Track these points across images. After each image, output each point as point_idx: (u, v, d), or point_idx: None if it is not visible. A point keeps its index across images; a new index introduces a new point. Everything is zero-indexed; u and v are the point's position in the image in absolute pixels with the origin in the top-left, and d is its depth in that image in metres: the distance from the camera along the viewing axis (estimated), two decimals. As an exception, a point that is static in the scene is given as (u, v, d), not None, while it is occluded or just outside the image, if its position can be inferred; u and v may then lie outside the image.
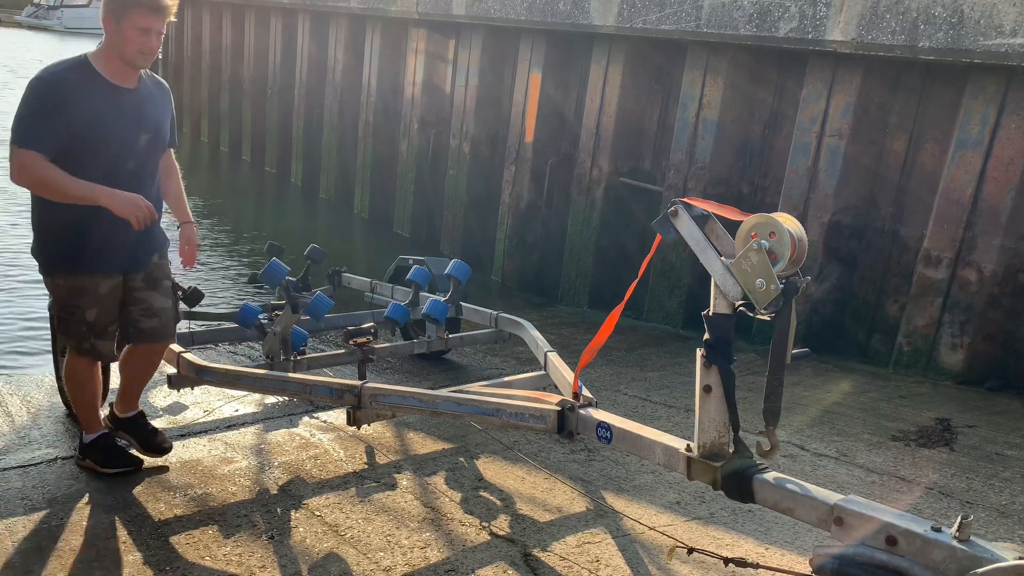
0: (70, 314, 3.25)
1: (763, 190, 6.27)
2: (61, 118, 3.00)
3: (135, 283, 3.34)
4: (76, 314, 3.24)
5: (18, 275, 8.09)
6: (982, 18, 4.67)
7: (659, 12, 6.27)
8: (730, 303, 2.32)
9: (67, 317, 3.26)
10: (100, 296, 3.23)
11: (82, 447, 3.48)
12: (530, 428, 2.99)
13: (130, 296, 3.34)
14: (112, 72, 3.11)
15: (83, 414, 3.48)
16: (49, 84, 3.03)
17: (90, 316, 3.23)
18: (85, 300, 3.22)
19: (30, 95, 3.03)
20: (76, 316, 3.24)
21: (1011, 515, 3.30)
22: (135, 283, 3.34)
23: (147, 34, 3.08)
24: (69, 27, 43.91)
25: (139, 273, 3.34)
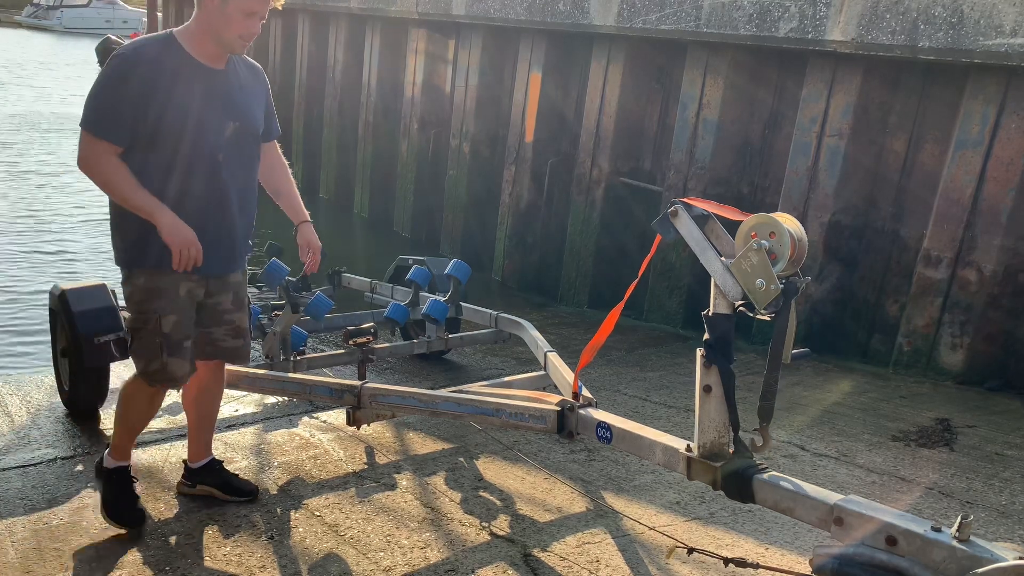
0: (144, 322, 2.87)
1: (763, 190, 6.27)
2: (140, 102, 2.69)
3: (224, 304, 3.04)
4: (151, 322, 2.86)
5: (18, 275, 8.09)
6: (982, 18, 4.66)
7: (659, 12, 6.27)
8: (730, 303, 2.32)
9: (140, 327, 2.88)
10: (179, 300, 2.89)
11: (100, 467, 3.16)
12: (530, 428, 2.99)
13: (218, 317, 3.03)
14: (202, 52, 2.80)
15: (119, 435, 3.11)
16: (130, 62, 2.71)
17: (167, 325, 2.87)
18: (163, 303, 2.86)
19: (107, 74, 2.72)
20: (151, 325, 2.86)
21: (1011, 515, 3.30)
22: (224, 304, 3.04)
23: (252, 18, 2.83)
24: (69, 27, 43.94)
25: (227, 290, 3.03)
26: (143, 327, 2.88)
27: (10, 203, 10.74)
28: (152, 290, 2.86)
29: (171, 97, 2.72)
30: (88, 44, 34.32)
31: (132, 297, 2.90)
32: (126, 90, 2.69)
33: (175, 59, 2.76)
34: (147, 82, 2.69)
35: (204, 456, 3.30)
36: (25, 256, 8.71)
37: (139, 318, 2.88)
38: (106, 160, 2.75)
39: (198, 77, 2.79)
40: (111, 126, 2.71)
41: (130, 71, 2.70)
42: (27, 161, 13.38)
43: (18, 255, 8.70)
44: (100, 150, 2.74)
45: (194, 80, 2.78)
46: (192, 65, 2.78)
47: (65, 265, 8.54)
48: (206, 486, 3.26)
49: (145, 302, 2.87)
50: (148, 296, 2.87)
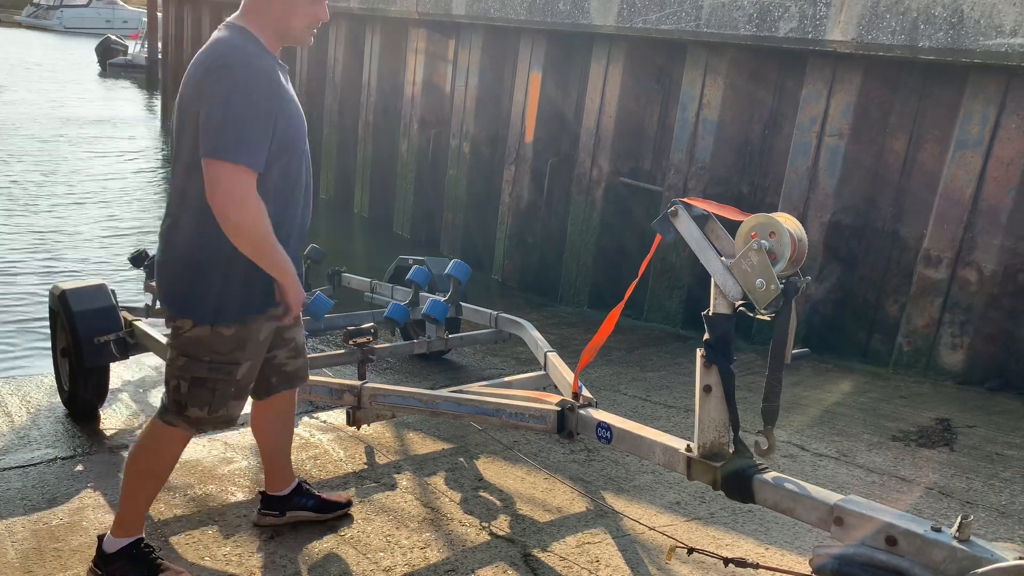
0: (225, 373, 2.53)
1: (763, 190, 6.27)
2: (267, 116, 2.34)
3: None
4: (232, 375, 2.54)
5: (18, 275, 8.09)
6: (982, 18, 4.67)
7: (659, 12, 6.27)
8: (730, 303, 2.32)
9: (216, 378, 2.53)
10: (259, 345, 2.60)
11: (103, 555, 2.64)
12: (530, 428, 2.99)
13: (278, 339, 2.74)
14: (271, 49, 2.49)
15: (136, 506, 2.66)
16: (254, 72, 2.33)
17: (241, 372, 2.57)
18: (245, 352, 2.55)
19: (232, 88, 2.30)
20: (231, 377, 2.55)
21: (1011, 515, 3.30)
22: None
23: (319, 4, 2.50)
24: (69, 27, 43.99)
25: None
26: (221, 378, 2.54)
27: (10, 203, 10.75)
28: (239, 341, 2.53)
29: (285, 106, 2.43)
30: (88, 44, 34.34)
31: (211, 347, 2.50)
32: (256, 106, 2.32)
33: (272, 61, 2.45)
34: (267, 92, 2.36)
35: (290, 482, 3.07)
36: (25, 256, 8.71)
37: (218, 368, 2.52)
38: (254, 196, 2.33)
39: (285, 78, 2.50)
40: (251, 149, 2.31)
41: (255, 83, 2.33)
42: (27, 161, 13.39)
43: (18, 255, 8.71)
44: (247, 181, 2.31)
45: (286, 83, 2.49)
46: (278, 66, 2.48)
47: (65, 265, 8.54)
48: (298, 511, 3.05)
49: (229, 353, 2.52)
50: (234, 347, 2.53)
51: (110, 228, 10.14)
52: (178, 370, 2.55)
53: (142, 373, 4.76)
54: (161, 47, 19.93)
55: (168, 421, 2.60)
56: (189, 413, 2.57)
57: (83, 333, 3.84)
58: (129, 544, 2.64)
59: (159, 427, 2.62)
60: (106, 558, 2.63)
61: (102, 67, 30.05)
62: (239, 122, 2.29)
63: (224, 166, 2.29)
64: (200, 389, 2.54)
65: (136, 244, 8.76)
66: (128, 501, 2.65)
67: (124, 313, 4.13)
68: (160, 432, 2.62)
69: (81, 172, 12.95)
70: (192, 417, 2.57)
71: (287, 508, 3.05)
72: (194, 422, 2.59)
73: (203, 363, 2.51)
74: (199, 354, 2.51)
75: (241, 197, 2.31)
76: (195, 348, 2.52)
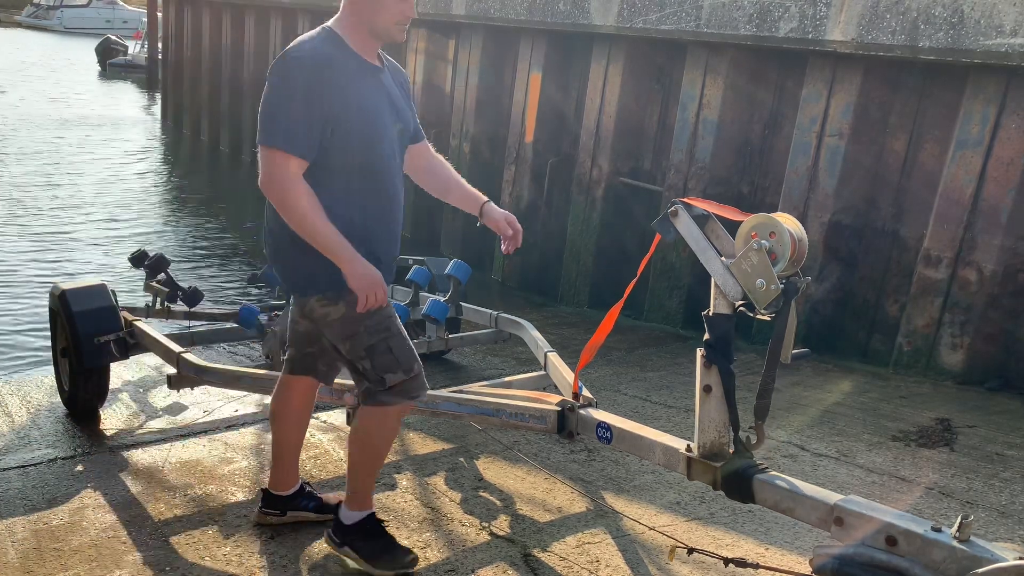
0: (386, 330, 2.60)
1: (763, 190, 6.27)
2: (324, 108, 2.44)
3: None
4: (393, 327, 2.61)
5: (18, 275, 8.09)
6: (982, 18, 4.66)
7: (659, 12, 6.27)
8: (730, 303, 2.32)
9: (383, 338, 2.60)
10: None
11: (341, 526, 2.79)
12: (530, 428, 2.99)
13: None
14: (361, 48, 2.56)
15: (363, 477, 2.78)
16: (310, 64, 2.44)
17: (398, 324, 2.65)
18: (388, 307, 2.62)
19: (285, 79, 2.45)
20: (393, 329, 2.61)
21: (1011, 515, 3.30)
22: None
23: (406, 2, 2.55)
24: (69, 27, 43.99)
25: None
26: (389, 333, 2.60)
27: (10, 203, 10.75)
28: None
29: (352, 101, 2.49)
30: (88, 44, 34.35)
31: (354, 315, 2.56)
32: (307, 96, 2.42)
33: (346, 58, 2.52)
34: (329, 86, 2.44)
35: (296, 481, 3.09)
36: (25, 256, 8.71)
37: (376, 331, 2.59)
38: (298, 181, 2.44)
39: (367, 76, 2.56)
40: (299, 138, 2.43)
41: (309, 74, 2.43)
42: (27, 161, 13.39)
43: (18, 255, 8.71)
44: (291, 168, 2.43)
45: (366, 80, 2.55)
46: (359, 63, 2.55)
47: (65, 265, 8.55)
48: (299, 511, 3.05)
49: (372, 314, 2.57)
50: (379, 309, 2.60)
51: (110, 228, 10.14)
52: (352, 353, 2.63)
53: (142, 373, 4.76)
54: (161, 47, 19.93)
55: (380, 401, 2.65)
56: (388, 382, 2.62)
57: (83, 333, 3.84)
58: (364, 518, 2.79)
59: (371, 412, 2.68)
60: (345, 529, 2.78)
61: (102, 67, 30.05)
62: (285, 110, 2.42)
63: (268, 152, 2.44)
64: (381, 356, 2.60)
65: (136, 244, 8.77)
66: (358, 480, 2.77)
67: (124, 313, 4.13)
68: (372, 417, 2.69)
69: (81, 172, 12.95)
70: (394, 385, 2.62)
71: (289, 508, 3.05)
72: (399, 390, 2.63)
73: (362, 334, 2.59)
74: (354, 330, 2.59)
75: (283, 181, 2.43)
76: (346, 327, 2.60)
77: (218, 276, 8.51)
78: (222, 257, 9.31)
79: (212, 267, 8.86)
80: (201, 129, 15.73)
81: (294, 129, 2.43)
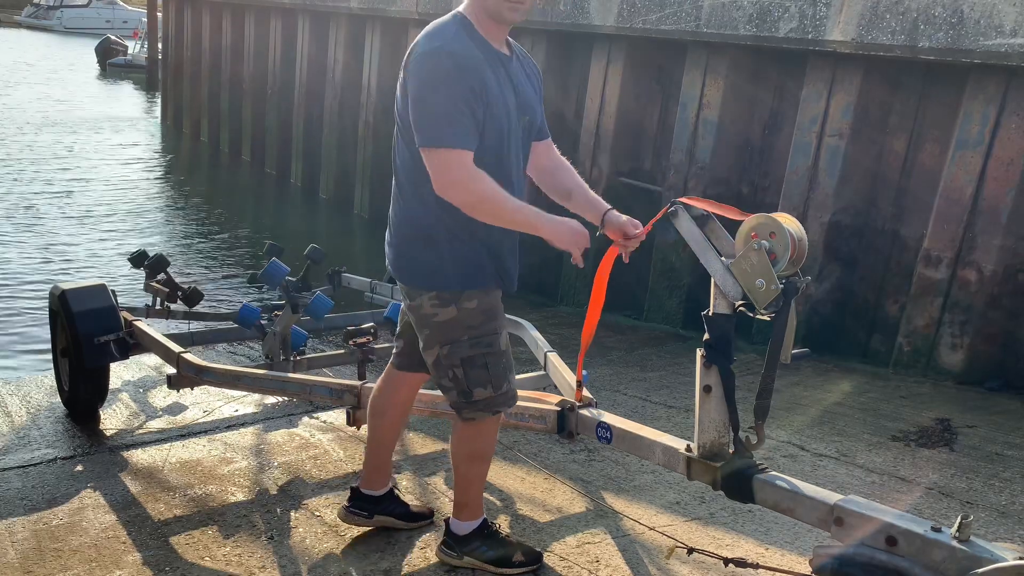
0: (488, 346, 2.53)
1: (763, 190, 6.27)
2: (480, 101, 2.35)
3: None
4: (495, 346, 2.54)
5: (18, 275, 8.09)
6: (982, 18, 4.66)
7: (659, 12, 6.27)
8: (730, 303, 2.32)
9: (487, 351, 2.53)
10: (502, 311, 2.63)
11: (456, 538, 2.78)
12: (530, 428, 2.99)
13: None
14: (489, 34, 2.45)
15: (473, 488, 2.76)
16: (462, 58, 2.34)
17: (504, 344, 2.58)
18: (499, 323, 2.57)
19: (435, 73, 2.34)
20: (496, 347, 2.54)
21: (1011, 515, 3.30)
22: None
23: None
24: (69, 27, 44.00)
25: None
26: (490, 350, 2.54)
27: (10, 203, 10.75)
28: (488, 310, 2.55)
29: (493, 91, 2.40)
30: (88, 44, 34.35)
31: (464, 322, 2.52)
32: (464, 91, 2.33)
33: (481, 47, 2.42)
34: (477, 77, 2.35)
35: (387, 483, 3.04)
36: (25, 256, 8.71)
37: (482, 341, 2.53)
38: (477, 174, 2.36)
39: (500, 66, 2.46)
40: (465, 132, 2.34)
41: (462, 69, 2.33)
42: (27, 162, 13.39)
43: (18, 255, 8.71)
44: (468, 163, 2.35)
45: (497, 70, 2.45)
46: (492, 52, 2.45)
47: (65, 265, 8.55)
48: (385, 516, 3.01)
49: (482, 325, 2.53)
50: (485, 318, 2.54)
51: (110, 228, 10.14)
52: (446, 360, 2.55)
53: (142, 373, 4.76)
54: (161, 47, 19.92)
55: (469, 417, 2.62)
56: (476, 397, 2.56)
57: (83, 333, 3.84)
58: (480, 526, 2.78)
59: (466, 428, 2.66)
60: (461, 540, 2.77)
61: (102, 67, 30.04)
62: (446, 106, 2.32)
63: (441, 153, 2.34)
64: (473, 369, 2.53)
65: (136, 244, 8.77)
66: (464, 489, 2.75)
67: (124, 313, 4.13)
68: (470, 432, 2.66)
69: (81, 173, 12.94)
70: (481, 400, 2.57)
71: (377, 511, 3.00)
72: (485, 404, 2.58)
73: (463, 343, 2.52)
74: (456, 335, 2.52)
75: (467, 178, 2.35)
76: (450, 331, 2.53)
77: (218, 276, 8.51)
78: (222, 257, 9.31)
79: (212, 267, 8.86)
80: (201, 129, 15.72)
81: (458, 122, 2.32)
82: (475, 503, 2.78)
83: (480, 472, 2.76)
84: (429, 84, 2.34)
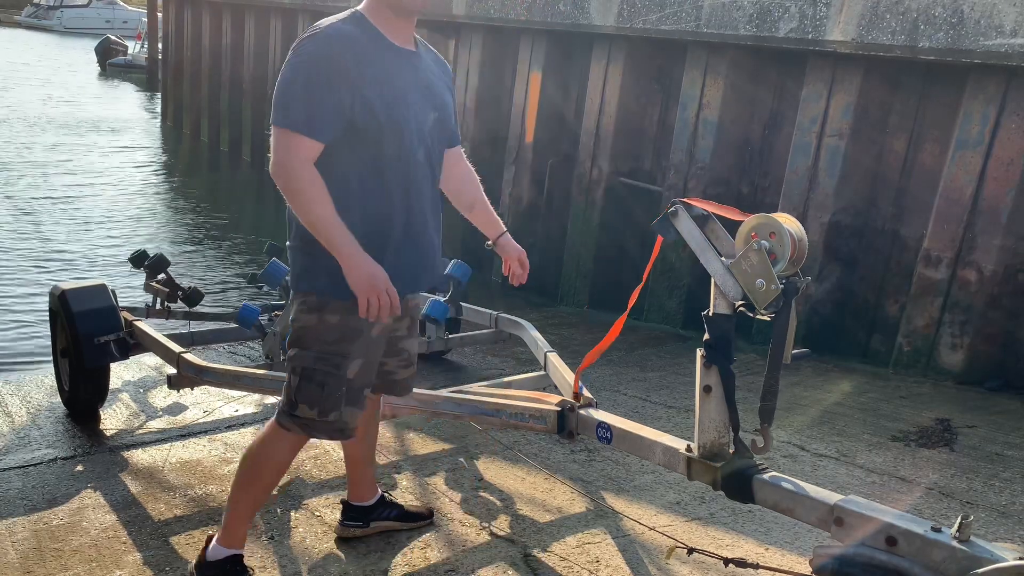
0: (334, 367, 2.42)
1: (763, 190, 6.27)
2: (345, 89, 2.25)
3: (401, 331, 2.66)
4: (341, 369, 2.42)
5: (18, 275, 8.09)
6: (982, 18, 4.66)
7: (659, 12, 6.27)
8: (730, 303, 2.32)
9: (325, 372, 2.42)
10: (371, 342, 2.48)
11: (201, 565, 2.58)
12: (530, 428, 2.99)
13: (394, 346, 2.66)
14: (388, 29, 2.37)
15: (239, 513, 2.57)
16: (327, 44, 2.26)
17: (353, 370, 2.44)
18: (356, 346, 2.44)
19: (303, 59, 2.27)
20: (340, 372, 2.42)
21: (1011, 515, 3.30)
22: (401, 331, 2.66)
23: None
24: (69, 27, 43.99)
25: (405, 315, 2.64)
26: (335, 372, 2.42)
27: (10, 203, 10.75)
28: (346, 330, 2.41)
29: (376, 82, 2.29)
30: (88, 44, 34.35)
31: (318, 335, 2.41)
32: (325, 75, 2.24)
33: (371, 38, 2.34)
34: (350, 65, 2.26)
35: (375, 492, 3.03)
36: (25, 256, 8.71)
37: (325, 361, 2.41)
38: (307, 166, 2.27)
39: (396, 58, 2.37)
40: (314, 119, 2.25)
41: (327, 54, 2.25)
42: (26, 162, 13.39)
43: (18, 255, 8.71)
44: (302, 150, 2.26)
45: (393, 62, 2.36)
46: (387, 45, 2.36)
47: (65, 265, 8.55)
48: (382, 521, 3.02)
49: (336, 343, 2.41)
50: (341, 337, 2.41)
51: (110, 228, 10.14)
52: (290, 361, 2.48)
53: (142, 373, 4.76)
54: (161, 47, 19.92)
55: (282, 423, 2.51)
56: (299, 412, 2.46)
57: (83, 333, 3.85)
58: (231, 557, 2.57)
59: (273, 429, 2.54)
60: (203, 565, 2.57)
61: (102, 67, 30.04)
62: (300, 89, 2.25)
63: (280, 133, 2.27)
64: (309, 384, 2.43)
65: (136, 244, 8.77)
66: (232, 506, 2.57)
67: (124, 313, 4.13)
68: (273, 434, 2.54)
69: (81, 173, 12.95)
70: (302, 417, 2.46)
71: (371, 519, 3.01)
72: (304, 424, 2.47)
73: (310, 354, 2.42)
74: (308, 343, 2.43)
75: (292, 163, 2.26)
76: (303, 338, 2.44)
77: (218, 276, 8.51)
78: (222, 257, 9.31)
79: (212, 267, 8.86)
80: (201, 129, 15.72)
81: (310, 109, 2.25)
82: (236, 529, 2.57)
83: (255, 496, 2.58)
84: (293, 64, 2.27)
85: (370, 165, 2.35)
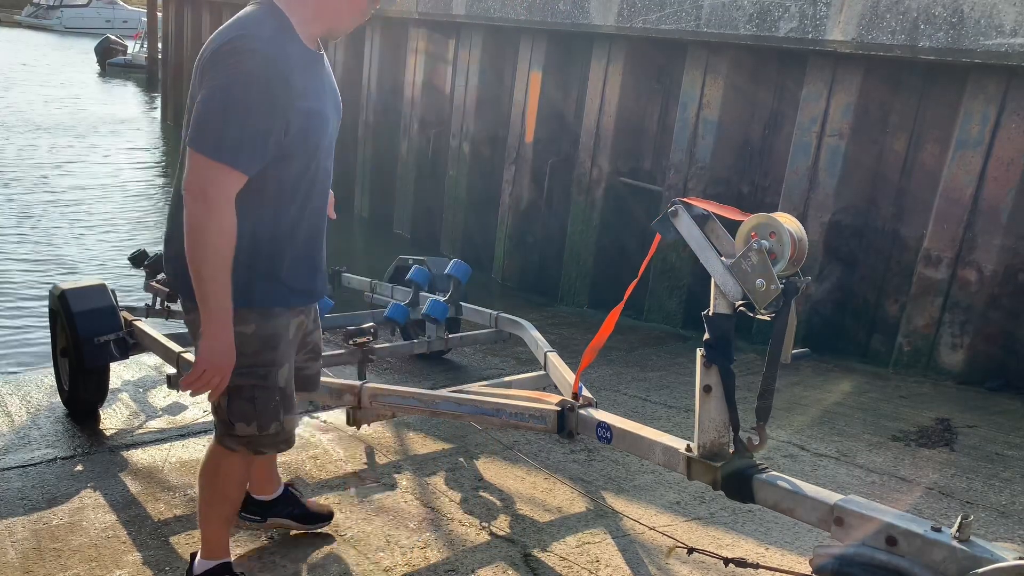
0: (261, 378, 2.29)
1: (763, 190, 6.27)
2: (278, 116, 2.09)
3: (308, 323, 2.53)
4: (269, 379, 2.30)
5: (18, 275, 8.09)
6: (982, 18, 4.66)
7: (659, 12, 6.27)
8: (730, 303, 2.32)
9: (253, 386, 2.29)
10: (290, 344, 2.36)
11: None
12: (530, 428, 2.98)
13: (303, 339, 2.52)
14: (307, 35, 2.22)
15: (213, 528, 2.53)
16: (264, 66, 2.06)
17: (283, 379, 2.34)
18: (278, 353, 2.31)
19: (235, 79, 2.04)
20: (269, 382, 2.30)
21: (1011, 515, 3.30)
22: (308, 323, 2.53)
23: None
24: (69, 27, 44.00)
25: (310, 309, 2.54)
26: (263, 383, 2.30)
27: (10, 203, 10.75)
28: (266, 338, 2.29)
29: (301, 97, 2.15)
30: (88, 44, 34.34)
31: (237, 348, 2.21)
32: (260, 103, 2.06)
33: (295, 48, 2.17)
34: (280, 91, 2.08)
35: (278, 487, 2.97)
36: (25, 256, 8.71)
37: (255, 372, 2.28)
38: (228, 208, 2.07)
39: (312, 65, 2.23)
40: (243, 152, 2.07)
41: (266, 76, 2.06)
42: (26, 161, 13.38)
43: (18, 255, 8.70)
44: (228, 186, 2.07)
45: (311, 70, 2.21)
46: (306, 53, 2.21)
47: (65, 265, 8.54)
48: (280, 518, 2.97)
49: (256, 354, 2.27)
50: (264, 346, 2.29)
51: (110, 228, 10.14)
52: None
53: (142, 373, 4.76)
54: (161, 47, 19.91)
55: (224, 444, 2.42)
56: (237, 431, 2.35)
57: (83, 333, 3.84)
58: (216, 567, 2.54)
59: (217, 450, 2.45)
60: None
61: (102, 67, 30.04)
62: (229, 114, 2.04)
63: (200, 160, 2.06)
64: (238, 400, 2.30)
65: (136, 244, 8.76)
66: (205, 523, 2.54)
67: (124, 313, 4.13)
68: (219, 455, 2.45)
69: (81, 173, 12.95)
70: (242, 436, 2.35)
71: (270, 514, 2.97)
72: (247, 442, 2.37)
73: (241, 370, 2.24)
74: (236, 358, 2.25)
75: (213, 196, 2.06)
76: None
77: (218, 276, 8.50)
78: (222, 257, 9.30)
79: (212, 267, 8.85)
80: (201, 129, 15.71)
81: (241, 140, 2.05)
82: (216, 541, 2.53)
83: (221, 505, 2.50)
84: (224, 85, 2.04)
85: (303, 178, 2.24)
